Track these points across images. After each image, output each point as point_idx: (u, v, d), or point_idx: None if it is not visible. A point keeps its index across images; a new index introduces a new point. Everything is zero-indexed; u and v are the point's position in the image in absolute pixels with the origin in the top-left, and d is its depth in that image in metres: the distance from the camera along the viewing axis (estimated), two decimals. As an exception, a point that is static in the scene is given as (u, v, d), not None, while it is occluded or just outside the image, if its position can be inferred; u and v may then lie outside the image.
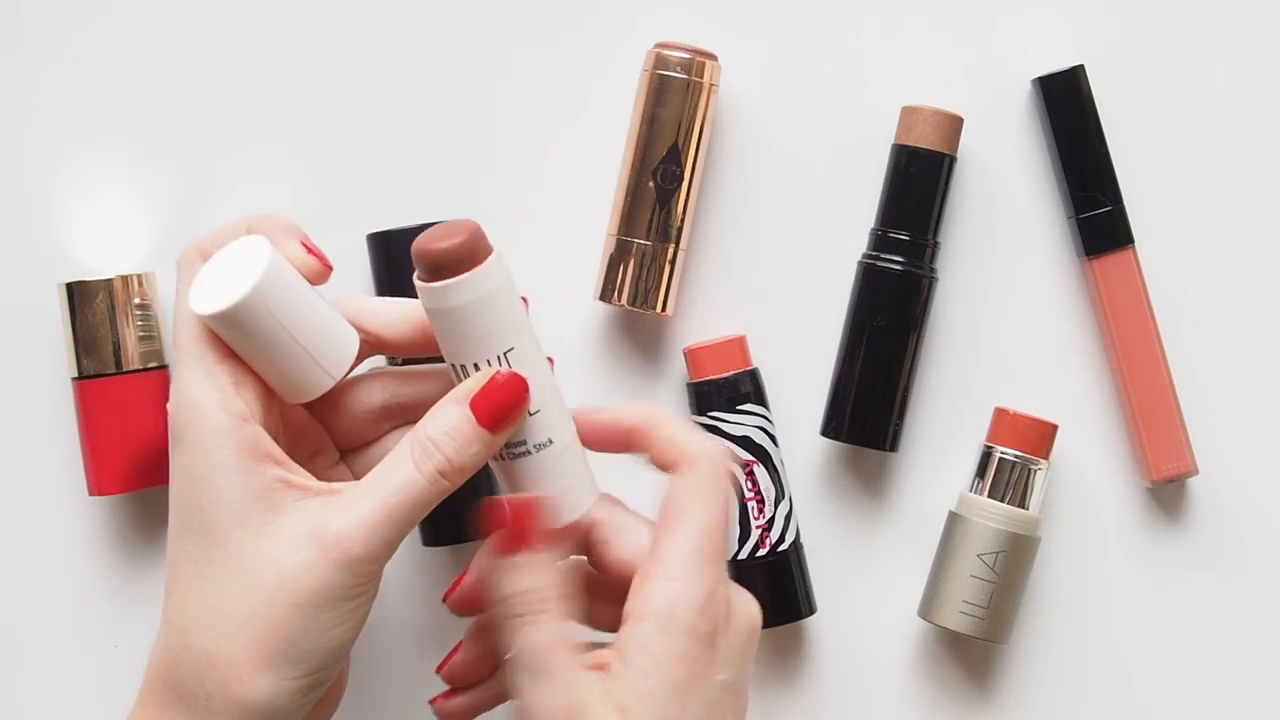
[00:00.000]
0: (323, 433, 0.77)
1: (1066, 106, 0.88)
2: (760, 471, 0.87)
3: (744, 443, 0.87)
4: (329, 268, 0.73)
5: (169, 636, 0.70)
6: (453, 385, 0.72)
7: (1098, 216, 0.88)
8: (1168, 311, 0.89)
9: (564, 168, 0.89)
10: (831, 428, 0.88)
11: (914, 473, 0.90)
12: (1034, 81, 0.89)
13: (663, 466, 0.73)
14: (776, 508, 0.87)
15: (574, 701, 0.68)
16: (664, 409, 0.75)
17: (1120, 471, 0.90)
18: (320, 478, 0.74)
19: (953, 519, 0.87)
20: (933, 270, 0.87)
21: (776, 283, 0.90)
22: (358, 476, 0.76)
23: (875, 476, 0.90)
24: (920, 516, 0.90)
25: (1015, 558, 0.85)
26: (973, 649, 0.90)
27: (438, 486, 0.69)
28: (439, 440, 0.69)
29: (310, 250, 0.72)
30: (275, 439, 0.71)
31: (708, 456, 0.72)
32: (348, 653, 0.70)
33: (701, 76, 0.86)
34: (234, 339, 0.70)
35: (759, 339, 0.89)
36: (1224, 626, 0.90)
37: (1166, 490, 0.90)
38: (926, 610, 0.87)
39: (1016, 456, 0.86)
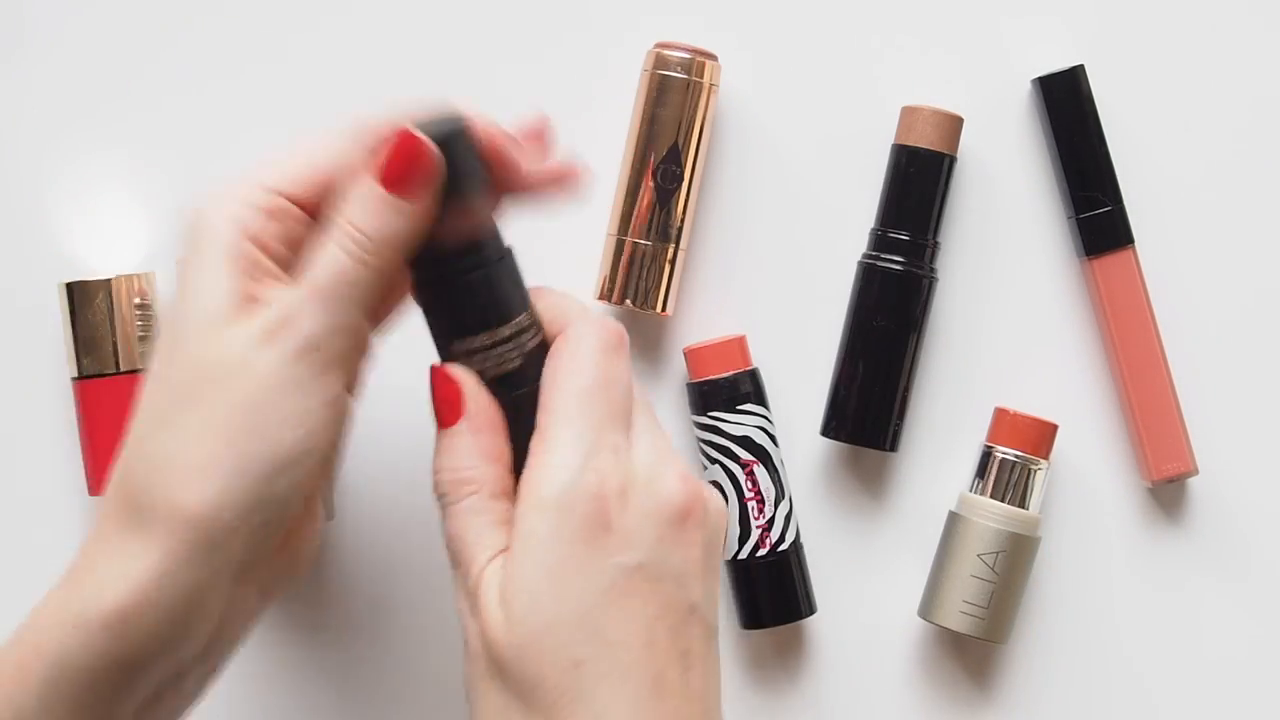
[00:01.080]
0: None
1: (1066, 106, 0.88)
2: (760, 471, 0.87)
3: (744, 443, 0.87)
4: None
5: (126, 447, 0.66)
6: None
7: (1098, 216, 0.88)
8: (1168, 311, 0.89)
9: (564, 168, 0.89)
10: (831, 428, 0.88)
11: (914, 473, 0.90)
12: (1034, 81, 0.89)
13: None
14: (776, 508, 0.87)
15: (470, 589, 0.67)
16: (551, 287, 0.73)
17: (1120, 471, 0.90)
18: None
19: (953, 519, 0.87)
20: (933, 270, 0.87)
21: (776, 283, 0.90)
22: None
23: (875, 476, 0.90)
24: (920, 516, 0.89)
25: (1015, 558, 0.85)
26: (973, 649, 0.90)
27: (359, 260, 0.66)
28: (350, 214, 0.66)
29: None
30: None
31: (583, 319, 0.69)
32: (307, 469, 0.66)
33: (701, 76, 0.86)
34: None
35: (759, 339, 0.89)
36: (1224, 626, 0.90)
37: (1166, 490, 0.90)
38: (926, 610, 0.87)
39: (1016, 456, 0.86)
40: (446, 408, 0.69)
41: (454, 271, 0.68)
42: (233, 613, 0.67)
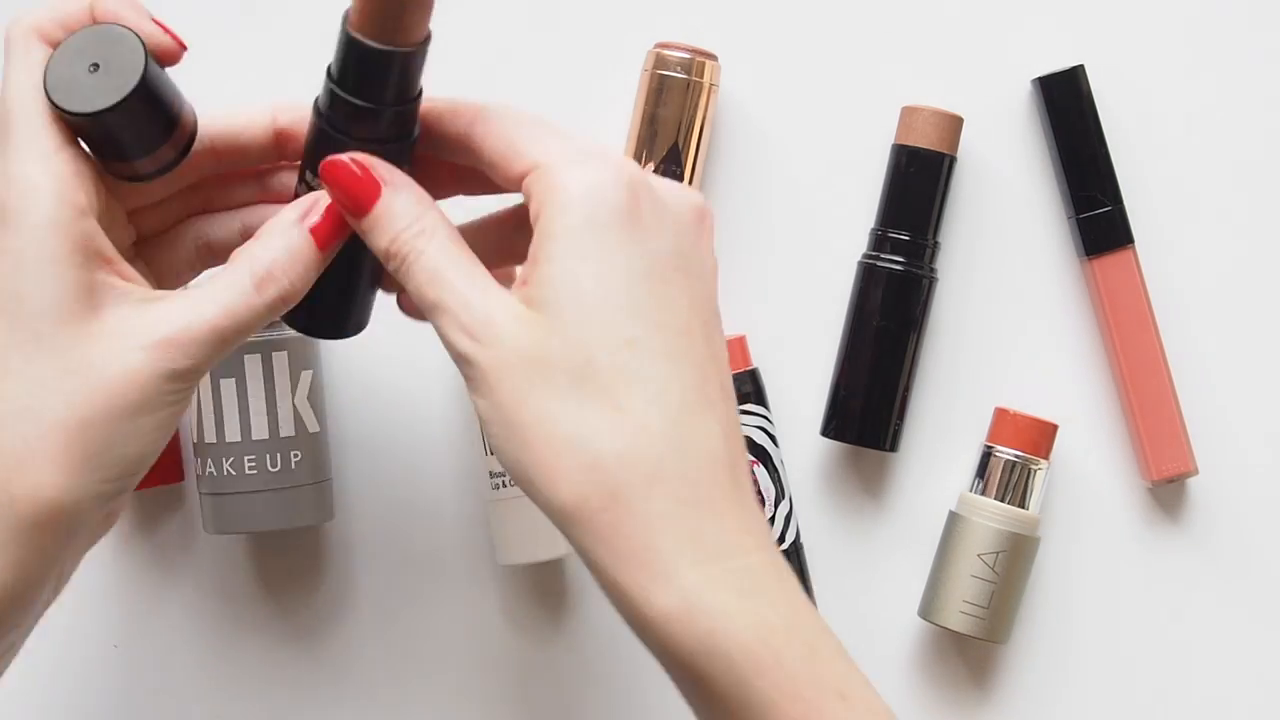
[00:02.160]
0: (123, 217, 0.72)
1: (1066, 106, 0.88)
2: (760, 471, 0.87)
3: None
4: (183, 46, 0.68)
5: None
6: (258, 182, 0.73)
7: (1098, 216, 0.88)
8: (1168, 311, 0.89)
9: (564, 168, 0.89)
10: (832, 428, 0.88)
11: (914, 473, 0.90)
12: (1034, 81, 0.89)
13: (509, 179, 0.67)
14: (776, 508, 0.87)
15: (476, 317, 0.64)
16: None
17: (1120, 471, 0.90)
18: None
19: (953, 519, 0.87)
20: (933, 270, 0.87)
21: (776, 283, 0.90)
22: (149, 264, 0.73)
23: (875, 476, 0.90)
24: (920, 516, 0.89)
25: (1015, 558, 0.85)
26: (973, 649, 0.90)
27: (274, 311, 0.66)
28: (279, 266, 0.66)
29: (164, 29, 0.68)
30: (107, 231, 0.68)
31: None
32: (148, 466, 0.67)
33: (701, 76, 0.86)
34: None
35: (759, 339, 0.89)
36: (1224, 626, 0.90)
37: (1166, 490, 0.90)
38: (926, 610, 0.87)
39: (1016, 456, 0.86)
40: (365, 186, 0.67)
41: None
42: (62, 580, 0.69)
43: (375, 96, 0.65)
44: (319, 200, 0.67)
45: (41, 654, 0.88)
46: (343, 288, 0.70)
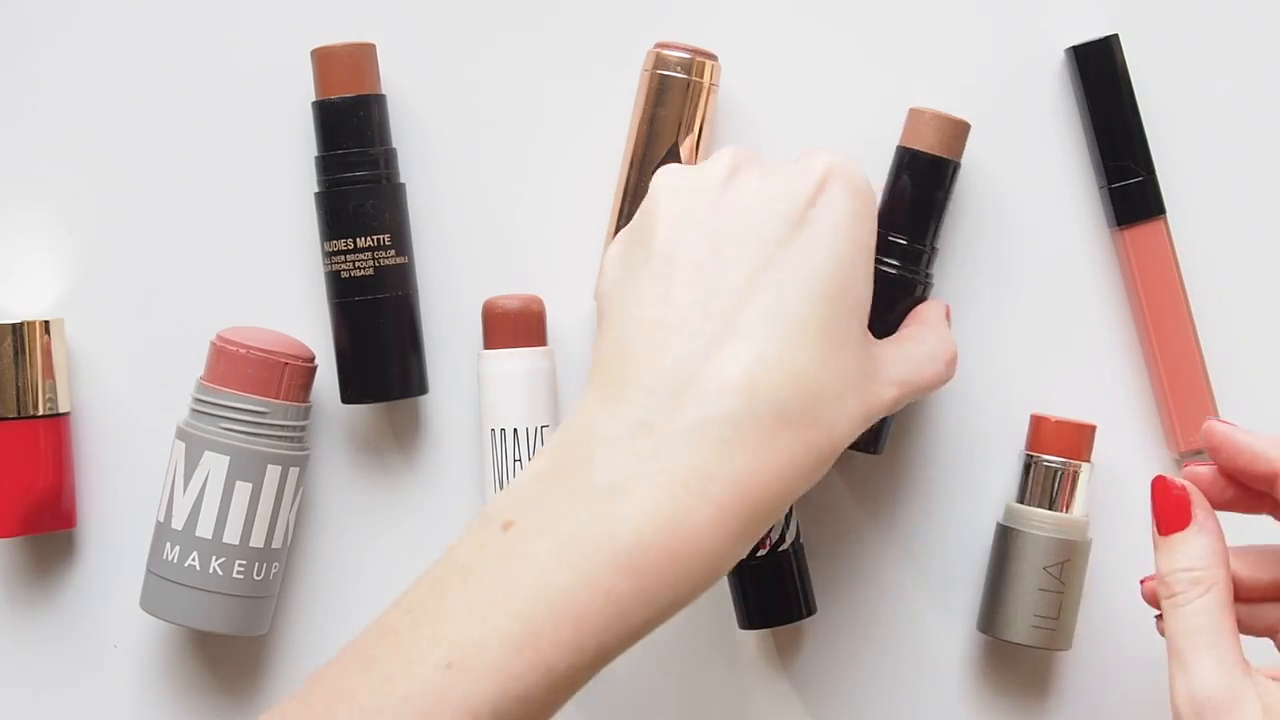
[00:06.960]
0: None
1: (1100, 76, 0.86)
2: (760, 471, 0.86)
3: (744, 443, 0.86)
4: None
5: None
6: None
7: (1129, 186, 0.86)
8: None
9: (564, 167, 0.89)
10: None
11: (914, 473, 0.89)
12: (1067, 51, 0.87)
13: None
14: (776, 508, 0.87)
15: (1196, 694, 0.70)
16: None
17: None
18: None
19: (1004, 532, 0.85)
20: (928, 276, 0.85)
21: (776, 283, 0.89)
22: None
23: (875, 477, 0.89)
24: (920, 517, 0.89)
25: (1075, 564, 0.85)
26: (972, 648, 0.90)
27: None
28: None
29: None
30: None
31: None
32: None
33: (701, 76, 0.85)
34: None
35: (758, 339, 0.88)
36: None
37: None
38: (990, 625, 0.86)
39: (1060, 463, 0.85)
40: (1176, 515, 0.74)
41: None
42: None
43: None
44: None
45: (41, 654, 0.91)
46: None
